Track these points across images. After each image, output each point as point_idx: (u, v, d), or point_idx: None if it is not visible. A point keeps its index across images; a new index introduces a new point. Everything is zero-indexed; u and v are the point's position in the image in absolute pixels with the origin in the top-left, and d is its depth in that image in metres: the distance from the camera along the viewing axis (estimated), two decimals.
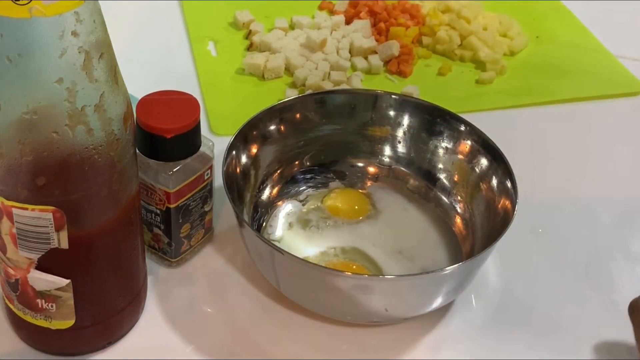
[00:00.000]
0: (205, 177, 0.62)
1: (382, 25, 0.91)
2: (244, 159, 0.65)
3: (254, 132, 0.66)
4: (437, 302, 0.58)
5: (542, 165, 0.78)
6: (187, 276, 0.64)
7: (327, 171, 0.70)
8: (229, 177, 0.61)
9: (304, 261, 0.57)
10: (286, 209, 0.67)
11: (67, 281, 0.53)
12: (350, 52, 0.88)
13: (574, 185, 0.76)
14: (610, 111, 0.85)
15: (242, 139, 0.65)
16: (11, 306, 0.56)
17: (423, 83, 0.85)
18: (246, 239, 0.60)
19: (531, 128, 0.83)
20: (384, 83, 0.86)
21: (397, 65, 0.87)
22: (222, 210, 0.69)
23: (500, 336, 0.59)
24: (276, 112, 0.67)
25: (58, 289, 0.53)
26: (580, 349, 0.60)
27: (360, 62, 0.87)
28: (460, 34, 0.91)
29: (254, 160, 0.66)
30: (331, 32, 0.90)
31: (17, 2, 0.43)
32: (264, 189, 0.68)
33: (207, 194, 0.63)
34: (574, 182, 0.76)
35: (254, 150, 0.66)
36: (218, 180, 0.61)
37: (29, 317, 0.55)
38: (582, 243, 0.70)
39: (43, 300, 0.54)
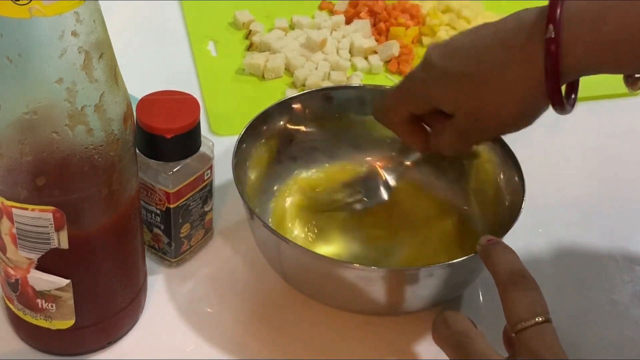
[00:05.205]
0: (205, 177, 0.62)
1: (382, 25, 0.91)
2: (253, 152, 0.65)
3: (264, 127, 0.66)
4: (444, 296, 0.58)
5: (541, 165, 0.78)
6: (187, 276, 0.64)
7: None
8: (238, 170, 0.61)
9: (313, 253, 0.57)
10: (293, 202, 0.67)
11: (67, 281, 0.53)
12: (350, 52, 0.88)
13: (574, 185, 0.76)
14: (611, 111, 0.85)
15: (252, 132, 0.65)
16: (11, 306, 0.56)
17: None
18: (255, 231, 0.60)
19: (530, 128, 0.82)
20: (384, 83, 0.86)
21: (397, 65, 0.87)
22: (222, 210, 0.69)
23: None
24: (286, 107, 0.67)
25: (58, 289, 0.53)
26: (580, 349, 0.60)
27: (360, 62, 0.87)
28: None
29: (263, 153, 0.66)
30: (331, 32, 0.90)
31: (17, 2, 0.43)
32: (273, 182, 0.68)
33: (207, 194, 0.63)
34: (574, 182, 0.76)
35: (263, 143, 0.66)
36: (218, 180, 0.61)
37: (29, 317, 0.55)
38: (582, 243, 0.70)
39: (43, 300, 0.54)
